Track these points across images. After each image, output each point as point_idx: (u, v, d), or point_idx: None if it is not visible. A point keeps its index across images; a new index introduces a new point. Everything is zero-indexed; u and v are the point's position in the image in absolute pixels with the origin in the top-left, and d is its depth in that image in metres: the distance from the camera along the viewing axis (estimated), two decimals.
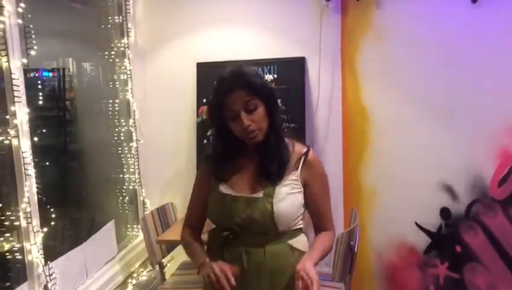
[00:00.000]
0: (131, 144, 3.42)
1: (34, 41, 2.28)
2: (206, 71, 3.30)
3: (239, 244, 1.66)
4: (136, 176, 3.43)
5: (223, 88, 1.60)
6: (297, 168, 1.67)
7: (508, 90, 2.63)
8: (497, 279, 2.66)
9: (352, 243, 2.69)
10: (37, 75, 2.92)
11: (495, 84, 2.65)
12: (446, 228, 2.83)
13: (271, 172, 1.64)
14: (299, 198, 1.68)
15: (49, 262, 2.42)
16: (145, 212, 3.38)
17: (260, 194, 1.64)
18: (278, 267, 1.66)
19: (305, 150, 1.70)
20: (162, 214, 3.18)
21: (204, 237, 1.83)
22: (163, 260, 3.11)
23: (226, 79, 1.62)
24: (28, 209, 2.29)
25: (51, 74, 3.08)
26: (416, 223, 2.93)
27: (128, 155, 3.43)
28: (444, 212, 2.83)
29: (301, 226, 1.74)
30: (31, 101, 2.35)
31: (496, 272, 2.65)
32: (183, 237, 1.80)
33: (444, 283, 2.87)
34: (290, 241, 1.69)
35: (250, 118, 1.59)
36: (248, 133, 1.60)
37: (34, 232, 2.32)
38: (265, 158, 1.65)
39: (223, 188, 1.69)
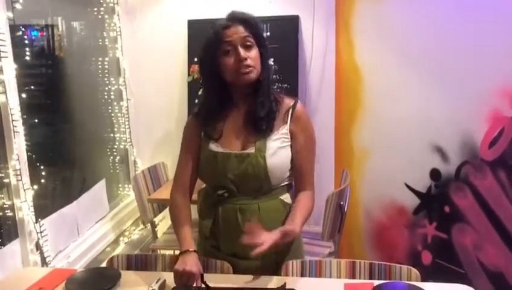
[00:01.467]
0: (121, 103, 3.38)
1: None
2: (197, 29, 3.23)
3: (232, 202, 1.66)
4: (127, 135, 3.40)
5: (222, 23, 1.60)
6: (287, 122, 1.66)
7: (500, 52, 2.61)
8: (483, 239, 2.70)
9: (342, 202, 2.72)
10: (25, 35, 2.84)
11: (488, 46, 2.62)
12: (436, 189, 2.86)
13: (261, 124, 1.62)
14: (290, 152, 1.67)
15: (39, 219, 2.43)
16: (137, 172, 3.37)
17: (252, 150, 1.62)
18: (271, 222, 1.65)
19: (292, 102, 1.68)
20: (154, 174, 3.18)
21: (195, 196, 1.81)
22: (155, 219, 3.13)
23: (225, 17, 1.62)
24: (18, 167, 2.28)
25: (39, 33, 2.99)
26: (406, 184, 2.95)
27: (119, 114, 3.39)
28: (434, 173, 2.85)
29: (292, 181, 1.74)
30: (20, 61, 2.30)
31: (483, 232, 2.70)
32: (172, 202, 1.74)
33: (431, 242, 2.92)
34: (282, 197, 1.69)
35: (247, 54, 1.58)
36: (243, 67, 1.57)
37: (25, 190, 2.32)
38: (255, 110, 1.63)
39: (214, 146, 1.67)
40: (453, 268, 2.79)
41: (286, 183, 1.70)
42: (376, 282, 1.63)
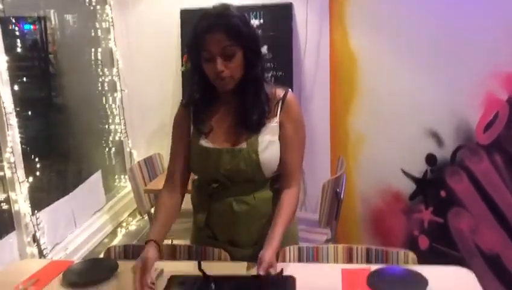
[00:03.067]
0: (115, 94, 3.36)
1: None
2: (190, 18, 3.20)
3: (227, 194, 1.64)
4: (122, 126, 3.39)
5: (204, 26, 1.51)
6: (277, 114, 1.61)
7: (491, 35, 2.59)
8: (479, 223, 2.71)
9: (338, 190, 2.72)
10: (16, 27, 2.81)
11: (480, 29, 2.61)
12: (431, 174, 2.86)
13: (252, 123, 1.58)
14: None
15: (36, 211, 2.42)
16: (133, 163, 3.36)
17: (243, 145, 1.59)
18: (266, 211, 1.66)
19: (283, 93, 1.63)
20: (150, 165, 3.17)
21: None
22: (152, 210, 3.12)
23: (208, 17, 1.53)
24: (12, 160, 2.27)
25: (32, 27, 2.96)
26: (402, 170, 2.95)
27: (113, 105, 3.38)
28: (430, 158, 2.84)
29: None
30: (12, 54, 2.28)
31: (479, 216, 2.70)
32: (159, 196, 1.73)
33: (428, 227, 2.92)
34: (277, 186, 1.68)
35: (226, 64, 1.51)
36: (218, 78, 1.53)
37: (20, 182, 2.31)
38: (245, 108, 1.59)
39: (204, 142, 1.63)
40: (450, 252, 2.80)
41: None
42: (373, 267, 1.63)
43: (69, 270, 1.70)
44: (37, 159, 2.52)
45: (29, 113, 2.56)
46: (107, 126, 3.37)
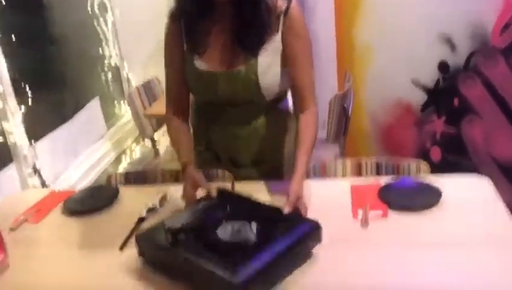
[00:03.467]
0: (107, 16, 3.17)
1: None
2: None
3: (227, 117, 1.56)
4: (117, 50, 3.24)
5: None
6: (278, 30, 1.45)
7: None
8: (494, 130, 2.61)
9: (345, 105, 2.64)
10: None
11: None
12: (444, 82, 2.72)
13: (251, 42, 1.43)
14: (279, 64, 1.49)
15: (33, 142, 2.35)
16: (130, 88, 3.25)
17: (241, 67, 1.45)
18: (269, 134, 1.59)
19: (285, 4, 1.44)
20: (148, 89, 3.08)
21: None
22: (155, 135, 3.06)
23: None
24: (1, 89, 2.16)
25: None
26: (413, 80, 2.82)
27: (105, 28, 3.20)
28: (442, 66, 2.70)
29: (287, 89, 1.61)
30: None
31: (494, 123, 2.60)
32: (167, 124, 1.63)
33: (440, 138, 2.84)
34: (279, 105, 1.60)
35: None
36: None
37: (12, 113, 2.22)
38: (243, 21, 1.42)
39: (198, 63, 1.49)
40: (463, 163, 2.74)
41: (282, 92, 1.58)
42: (384, 180, 1.55)
43: (70, 199, 1.67)
44: (28, 89, 2.41)
45: (18, 41, 2.42)
46: (101, 51, 3.21)
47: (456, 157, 2.77)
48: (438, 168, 2.70)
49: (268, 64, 1.46)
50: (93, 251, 1.37)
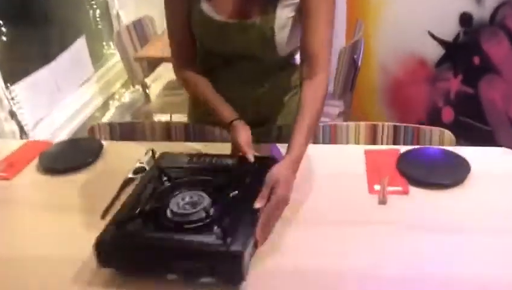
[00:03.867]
0: None
1: None
2: None
3: (232, 71, 1.37)
4: None
5: None
6: None
7: None
8: None
9: (355, 56, 2.47)
10: None
11: None
12: (464, 36, 2.51)
13: None
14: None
15: (9, 84, 2.14)
16: (120, 27, 3.00)
17: (257, 19, 1.25)
18: (278, 92, 1.43)
19: None
20: (139, 28, 2.84)
21: None
22: (146, 80, 2.86)
23: None
24: None
25: None
26: (430, 32, 2.61)
27: None
28: (464, 18, 2.48)
29: None
30: None
31: None
32: (184, 82, 1.41)
33: (455, 97, 2.66)
34: (293, 60, 1.42)
35: None
36: None
37: None
38: None
39: (206, 8, 1.28)
40: (478, 125, 2.57)
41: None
42: (403, 148, 1.37)
43: (46, 153, 1.47)
44: (3, 25, 2.18)
45: None
46: None
47: (470, 120, 2.61)
48: (448, 130, 2.56)
49: (286, 19, 1.26)
50: (72, 218, 1.19)
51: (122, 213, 1.06)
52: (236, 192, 1.06)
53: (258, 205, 1.01)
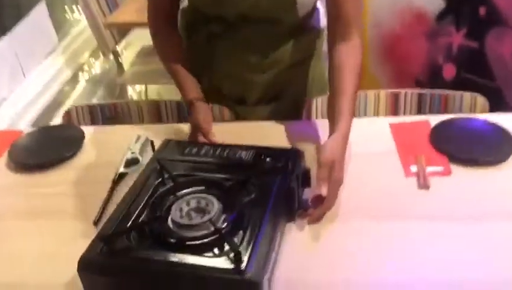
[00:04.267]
0: None
1: None
2: None
3: (237, 38, 1.17)
4: None
5: None
6: None
7: None
8: None
9: None
10: None
11: None
12: None
13: None
14: None
15: None
16: None
17: None
18: (292, 61, 1.24)
19: None
20: None
21: None
22: (117, 48, 2.62)
23: None
24: None
25: None
26: None
27: None
28: None
29: None
30: None
31: None
32: (155, 34, 1.23)
33: (457, 53, 2.52)
34: (309, 21, 1.22)
35: None
36: None
37: None
38: None
39: None
40: (482, 82, 2.45)
41: None
42: (433, 119, 1.19)
43: (17, 146, 1.25)
44: None
45: None
46: None
47: (474, 76, 2.48)
48: (449, 87, 2.43)
49: None
50: (55, 228, 1.00)
51: (111, 224, 0.85)
52: (253, 196, 0.88)
53: (323, 191, 0.87)
